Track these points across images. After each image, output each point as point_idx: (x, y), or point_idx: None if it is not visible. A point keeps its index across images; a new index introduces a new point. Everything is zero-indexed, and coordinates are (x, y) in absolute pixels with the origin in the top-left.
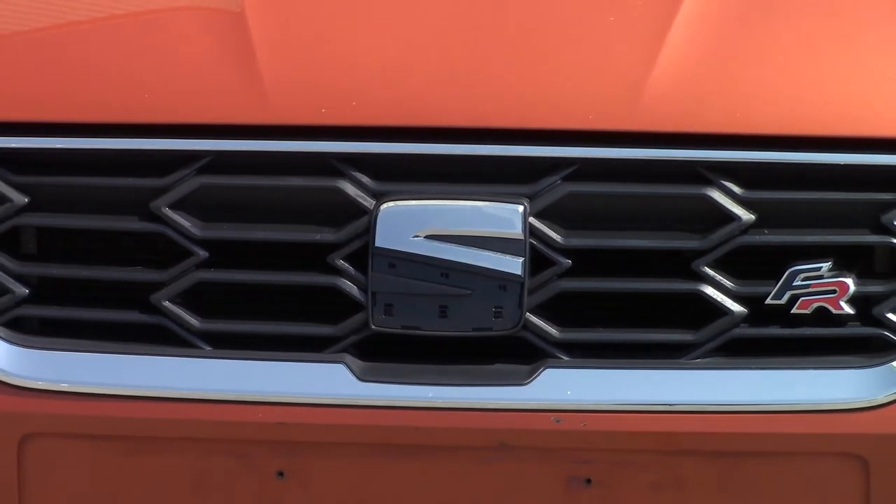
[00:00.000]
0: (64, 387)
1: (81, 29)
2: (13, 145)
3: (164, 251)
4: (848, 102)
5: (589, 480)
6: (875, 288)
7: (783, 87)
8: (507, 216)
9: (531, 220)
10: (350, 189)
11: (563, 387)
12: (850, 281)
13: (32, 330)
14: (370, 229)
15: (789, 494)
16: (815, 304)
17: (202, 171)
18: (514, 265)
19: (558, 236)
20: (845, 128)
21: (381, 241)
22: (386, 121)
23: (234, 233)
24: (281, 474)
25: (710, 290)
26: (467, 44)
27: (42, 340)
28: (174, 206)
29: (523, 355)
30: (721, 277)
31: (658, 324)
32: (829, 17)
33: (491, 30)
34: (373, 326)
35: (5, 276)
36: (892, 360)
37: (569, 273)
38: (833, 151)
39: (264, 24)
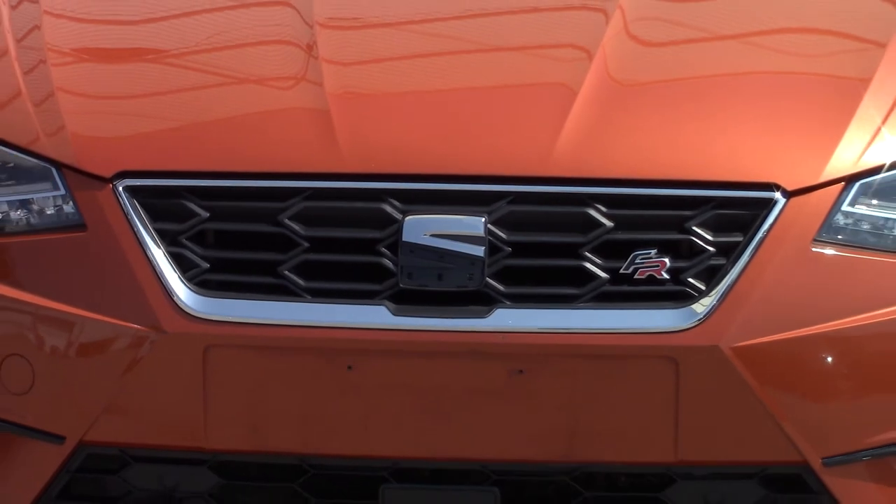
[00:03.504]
0: (229, 318)
1: (229, 121)
2: (200, 184)
3: (282, 243)
4: (671, 156)
5: (521, 371)
6: (681, 264)
7: (639, 147)
8: (475, 224)
9: (489, 226)
10: (388, 208)
11: (507, 319)
12: (667, 260)
13: (212, 286)
14: (399, 231)
15: (634, 379)
16: (647, 273)
17: (305, 198)
18: (479, 251)
19: (504, 235)
20: (668, 173)
21: (406, 237)
22: (409, 170)
23: (324, 232)
24: (350, 367)
25: (588, 265)
26: (451, 124)
27: (217, 293)
28: (290, 218)
29: (484, 301)
30: (594, 257)
31: (562, 283)
32: (689, 96)
33: (461, 112)
34: (401, 285)
35: (196, 257)
36: (691, 305)
37: (511, 255)
38: (658, 188)
39: (341, 117)
